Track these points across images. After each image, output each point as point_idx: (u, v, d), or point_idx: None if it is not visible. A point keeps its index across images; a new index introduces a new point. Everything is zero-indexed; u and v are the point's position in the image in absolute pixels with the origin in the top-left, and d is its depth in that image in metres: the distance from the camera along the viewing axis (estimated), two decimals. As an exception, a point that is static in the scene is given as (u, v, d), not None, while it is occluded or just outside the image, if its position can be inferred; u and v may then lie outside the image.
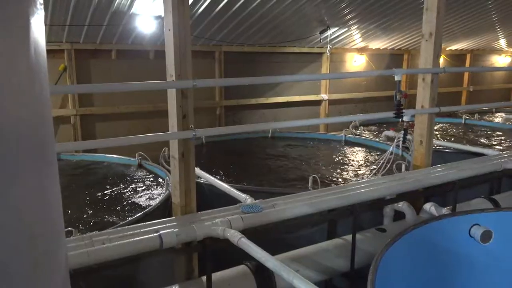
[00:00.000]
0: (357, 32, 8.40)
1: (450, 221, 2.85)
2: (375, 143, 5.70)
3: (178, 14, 2.36)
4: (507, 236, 2.87)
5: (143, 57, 6.93)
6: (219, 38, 7.31)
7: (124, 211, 3.37)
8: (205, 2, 5.96)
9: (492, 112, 8.95)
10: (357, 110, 9.70)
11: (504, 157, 4.10)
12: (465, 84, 11.68)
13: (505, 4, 8.18)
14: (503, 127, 7.22)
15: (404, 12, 7.47)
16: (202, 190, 3.67)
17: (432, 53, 3.51)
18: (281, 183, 4.21)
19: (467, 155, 4.49)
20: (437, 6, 3.40)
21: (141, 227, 2.35)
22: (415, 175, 3.48)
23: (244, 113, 8.44)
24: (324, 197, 2.94)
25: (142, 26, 6.12)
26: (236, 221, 2.43)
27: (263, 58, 8.26)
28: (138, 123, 7.10)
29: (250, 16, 6.65)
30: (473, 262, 2.91)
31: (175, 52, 2.39)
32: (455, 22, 8.68)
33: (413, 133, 3.76)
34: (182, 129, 2.48)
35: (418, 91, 3.65)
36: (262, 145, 6.02)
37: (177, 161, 2.53)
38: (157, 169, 4.34)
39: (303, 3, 6.52)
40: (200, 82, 2.48)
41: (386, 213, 3.49)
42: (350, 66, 9.52)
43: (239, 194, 2.97)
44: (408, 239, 2.54)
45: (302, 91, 8.91)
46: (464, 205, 3.64)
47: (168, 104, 2.51)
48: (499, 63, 12.37)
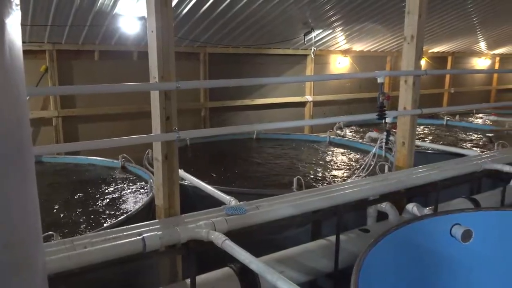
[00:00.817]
0: (341, 34, 8.47)
1: (431, 221, 2.89)
2: (359, 144, 5.75)
3: (161, 16, 2.34)
4: (487, 235, 2.93)
5: (126, 58, 6.87)
6: (204, 40, 7.29)
7: (106, 214, 3.33)
8: (190, 3, 5.94)
9: (472, 113, 9.12)
10: (341, 112, 9.78)
11: (483, 157, 4.18)
12: (446, 86, 11.89)
13: (484, 8, 8.37)
14: (484, 128, 7.37)
15: (387, 15, 7.58)
16: (186, 192, 3.65)
17: (414, 55, 3.56)
18: (265, 185, 4.21)
19: (448, 156, 4.57)
20: (418, 10, 3.46)
21: (124, 230, 2.32)
22: (398, 176, 3.53)
23: (229, 115, 8.43)
24: (308, 199, 2.96)
25: (126, 27, 6.06)
26: (220, 223, 2.42)
27: (248, 59, 8.27)
28: (122, 124, 7.03)
29: (235, 17, 6.65)
30: (455, 262, 2.96)
31: (158, 54, 2.37)
32: (437, 25, 8.83)
33: (396, 134, 3.81)
34: (166, 131, 2.47)
35: (401, 93, 3.70)
36: (247, 146, 6.03)
37: (160, 163, 2.51)
38: (140, 171, 4.30)
39: (287, 5, 6.55)
40: (183, 83, 2.47)
41: (369, 214, 3.52)
42: (334, 68, 9.59)
43: (223, 196, 2.96)
44: (390, 240, 2.57)
45: (287, 92, 8.95)
46: (445, 205, 3.70)
47: (151, 106, 2.49)
48: (479, 65, 12.63)
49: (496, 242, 3.01)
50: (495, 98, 13.15)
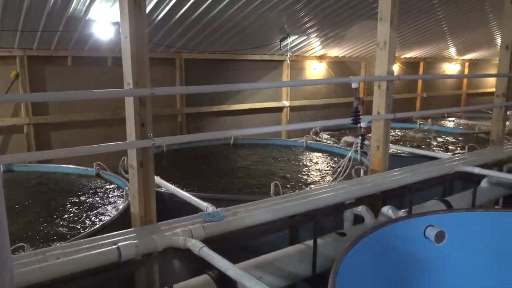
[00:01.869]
0: (316, 40, 8.59)
1: (406, 223, 2.95)
2: (335, 149, 5.82)
3: (135, 22, 2.32)
4: (459, 236, 3.00)
5: (101, 64, 6.76)
6: (180, 45, 7.26)
7: (80, 223, 3.25)
8: (165, 8, 5.90)
9: (444, 117, 9.38)
10: (317, 116, 9.89)
11: (455, 160, 4.30)
12: (419, 91, 12.19)
13: (453, 15, 8.65)
14: (455, 131, 7.58)
15: (361, 22, 7.73)
16: (163, 199, 3.61)
17: (387, 61, 3.64)
18: (243, 190, 4.21)
19: (421, 159, 4.67)
20: (390, 17, 3.54)
21: (98, 240, 2.27)
22: (373, 179, 3.58)
23: (206, 121, 8.40)
24: (285, 203, 2.97)
25: (99, 33, 5.98)
26: (197, 230, 2.40)
27: (224, 65, 8.27)
28: (97, 131, 6.90)
29: (211, 23, 6.65)
30: (429, 263, 3.02)
31: (132, 60, 2.34)
32: (409, 31, 9.06)
33: (370, 138, 3.88)
34: (141, 138, 2.43)
35: (374, 98, 3.77)
36: (224, 152, 6.01)
37: (135, 170, 2.48)
38: (116, 178, 4.23)
39: (263, 11, 6.60)
40: (159, 90, 2.45)
41: (346, 217, 3.56)
42: (310, 74, 9.70)
43: (200, 203, 2.94)
44: (366, 243, 2.60)
45: (263, 98, 8.99)
46: (419, 207, 3.77)
47: (125, 112, 2.46)
48: (449, 70, 13.01)
49: (467, 242, 3.09)
50: (465, 102, 13.57)
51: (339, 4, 6.88)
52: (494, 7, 8.36)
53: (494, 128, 5.17)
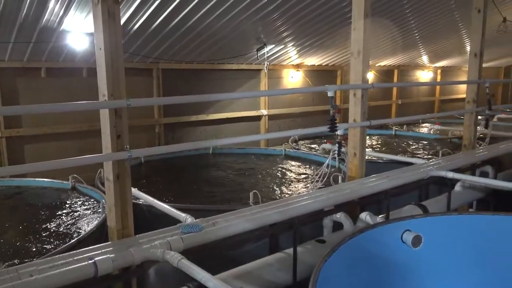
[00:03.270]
0: (293, 49, 8.69)
1: (383, 228, 2.99)
2: (314, 156, 5.87)
3: (109, 33, 2.30)
4: (435, 240, 3.06)
5: (76, 75, 6.65)
6: (156, 55, 7.22)
7: (55, 238, 3.17)
8: (141, 18, 5.88)
9: (419, 123, 9.60)
10: (295, 124, 9.97)
11: (429, 165, 4.40)
12: (394, 98, 12.45)
13: (425, 24, 8.91)
14: (429, 137, 7.76)
15: (336, 31, 7.87)
16: (141, 211, 3.56)
17: (361, 69, 3.71)
18: (222, 200, 4.19)
19: (397, 165, 4.76)
20: (363, 27, 3.62)
21: (74, 255, 2.22)
22: (351, 186, 3.63)
23: (185, 130, 8.35)
24: (264, 212, 2.98)
25: (74, 43, 5.89)
26: (175, 242, 2.38)
27: (202, 75, 8.27)
28: (72, 143, 6.77)
29: (187, 33, 6.65)
30: (407, 267, 3.06)
31: (107, 71, 2.32)
32: (382, 40, 9.27)
33: (347, 145, 3.93)
34: (117, 150, 2.40)
35: (350, 106, 3.83)
36: (203, 162, 5.98)
37: (111, 183, 2.44)
38: (92, 191, 4.15)
39: (240, 21, 6.65)
40: (134, 101, 2.43)
41: (325, 224, 3.59)
42: (288, 82, 9.79)
43: (179, 214, 2.91)
44: (345, 249, 2.62)
45: (242, 107, 9.01)
46: (396, 212, 3.84)
47: (101, 124, 2.43)
48: (423, 77, 13.36)
49: (444, 245, 3.16)
50: (439, 108, 13.93)
51: (314, 14, 6.99)
52: (463, 16, 8.66)
53: (466, 133, 5.33)
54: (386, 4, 7.24)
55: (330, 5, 6.78)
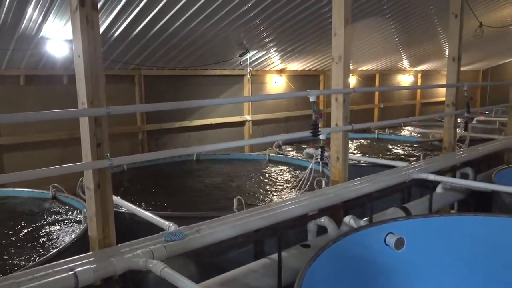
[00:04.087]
0: (276, 54, 8.74)
1: (367, 232, 3.02)
2: (297, 161, 5.90)
3: (88, 40, 2.28)
4: (418, 242, 3.10)
5: (56, 83, 6.55)
6: (138, 62, 7.17)
7: (35, 250, 3.10)
8: (122, 25, 5.84)
9: (400, 126, 9.73)
10: (280, 129, 10.00)
11: (411, 168, 4.45)
12: (376, 102, 12.62)
13: (405, 29, 9.07)
14: (411, 139, 7.88)
15: (317, 36, 7.95)
16: (123, 220, 3.52)
17: (342, 74, 3.75)
18: (206, 207, 4.17)
19: (380, 168, 4.80)
20: (344, 32, 3.66)
21: (54, 267, 2.17)
22: (334, 190, 3.64)
23: (168, 137, 8.30)
24: (249, 218, 2.96)
25: (53, 51, 5.81)
26: (158, 251, 2.35)
27: (185, 81, 8.24)
28: (52, 152, 6.65)
29: (169, 39, 6.63)
30: (391, 269, 3.08)
31: (87, 79, 2.29)
32: (363, 45, 9.40)
33: (330, 150, 3.95)
34: (97, 159, 2.37)
35: (332, 110, 3.86)
36: (187, 168, 5.94)
37: (92, 192, 2.40)
38: (73, 201, 4.08)
39: (222, 27, 6.66)
40: (115, 109, 2.40)
41: (309, 229, 3.59)
42: (271, 87, 9.83)
43: (162, 222, 2.88)
44: (330, 253, 2.63)
45: (226, 112, 9.01)
46: (380, 215, 3.88)
47: (80, 132, 2.39)
48: (404, 81, 13.58)
49: (426, 247, 3.20)
50: (420, 111, 14.16)
51: (296, 20, 7.05)
52: (441, 22, 8.85)
53: (446, 135, 5.42)
54: (366, 10, 7.35)
55: (311, 11, 6.85)
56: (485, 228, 3.20)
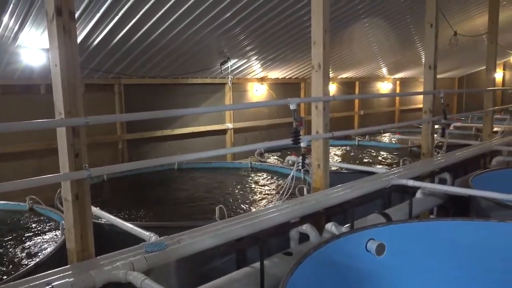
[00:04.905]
0: (257, 63, 8.79)
1: (348, 238, 3.03)
2: (279, 168, 5.91)
3: (65, 49, 2.25)
4: (398, 247, 3.13)
5: (33, 92, 6.43)
6: (118, 71, 7.11)
7: (11, 264, 3.01)
8: (101, 33, 5.78)
9: (380, 133, 9.87)
10: (262, 137, 10.03)
11: (391, 174, 4.52)
12: (356, 109, 12.79)
13: (383, 38, 9.25)
14: (390, 146, 8.00)
15: (298, 45, 8.04)
16: (103, 231, 3.45)
17: (322, 82, 3.79)
18: (188, 216, 4.13)
19: (361, 174, 4.86)
20: (323, 41, 3.71)
21: (31, 281, 2.12)
22: (316, 197, 3.66)
23: (149, 146, 8.22)
24: (230, 227, 2.95)
25: (30, 60, 5.71)
26: (139, 262, 2.32)
27: (165, 90, 8.20)
28: (29, 163, 6.50)
29: (149, 48, 6.60)
30: (373, 275, 3.10)
31: (64, 89, 2.26)
32: (343, 53, 9.55)
33: (311, 157, 3.98)
34: (75, 169, 2.33)
35: (312, 118, 3.90)
36: (169, 178, 5.89)
37: (70, 203, 2.35)
38: (51, 212, 3.98)
39: (202, 36, 6.67)
40: (93, 119, 2.36)
41: (292, 236, 3.59)
42: (253, 95, 9.87)
43: (142, 233, 2.84)
44: (311, 261, 2.64)
45: (207, 121, 8.99)
46: (361, 221, 3.90)
47: (58, 143, 2.35)
48: (383, 88, 13.82)
49: (407, 252, 3.23)
50: (399, 118, 14.41)
51: (276, 28, 7.12)
52: (418, 31, 9.06)
53: (424, 142, 5.52)
54: (345, 19, 7.48)
55: (291, 20, 6.93)
56: (463, 233, 3.26)
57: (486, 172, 5.12)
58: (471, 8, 8.84)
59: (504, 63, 16.08)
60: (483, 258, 3.18)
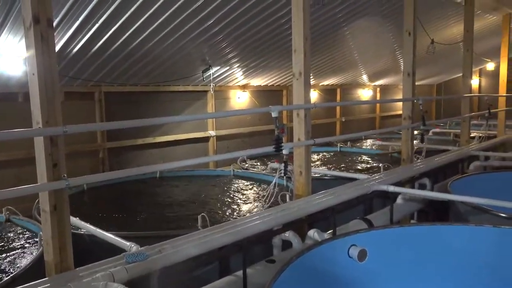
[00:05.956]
0: (239, 70, 8.81)
1: (330, 244, 3.05)
2: (262, 176, 5.91)
3: (43, 57, 2.21)
4: (380, 253, 3.17)
5: (11, 101, 6.29)
6: (98, 79, 7.02)
7: (-13, 277, 2.93)
8: (81, 41, 5.72)
9: (362, 139, 10.00)
10: (244, 144, 10.02)
11: (372, 180, 4.57)
12: (338, 116, 12.92)
13: (363, 46, 9.41)
14: (371, 152, 8.10)
15: (279, 52, 8.10)
16: (83, 242, 3.39)
17: (303, 90, 3.83)
18: (171, 225, 4.09)
19: (342, 181, 4.90)
20: (303, 49, 3.75)
21: (6, 295, 2.06)
22: (298, 204, 3.68)
23: (131, 154, 8.12)
24: (213, 236, 2.94)
25: (7, 68, 5.60)
26: (119, 273, 2.28)
27: (147, 97, 8.13)
28: (7, 172, 6.35)
29: (130, 56, 6.54)
30: (355, 281, 3.13)
31: (41, 97, 2.22)
32: (324, 61, 9.66)
33: (293, 164, 4.00)
34: (53, 179, 2.28)
35: (294, 125, 3.92)
36: (151, 186, 5.82)
37: (48, 214, 2.31)
38: (29, 223, 3.90)
39: (184, 43, 6.65)
40: (72, 128, 2.33)
41: (275, 244, 3.60)
42: (235, 103, 9.87)
43: (123, 243, 2.80)
44: (294, 268, 2.64)
45: (189, 128, 8.94)
46: (343, 228, 3.93)
47: (35, 153, 2.30)
48: (364, 95, 14.00)
49: (388, 257, 3.27)
50: (380, 124, 14.61)
51: (258, 36, 7.16)
52: (397, 38, 9.23)
53: (404, 147, 5.61)
54: (325, 27, 7.57)
55: (273, 28, 6.98)
56: (443, 237, 3.32)
57: (464, 177, 5.23)
58: (448, 17, 9.07)
59: (480, 70, 16.49)
60: (463, 262, 3.23)
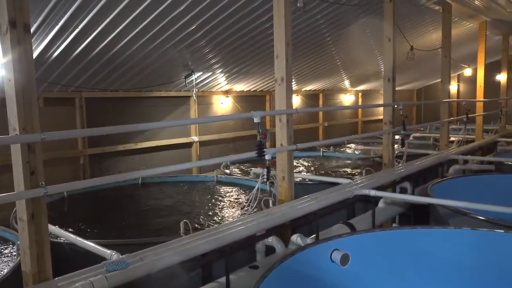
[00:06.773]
0: (221, 75, 8.80)
1: (313, 249, 3.06)
2: (245, 181, 5.91)
3: (20, 63, 2.17)
4: (362, 256, 3.19)
5: (-13, 106, 6.15)
6: (79, 84, 6.92)
7: (-39, 289, 2.84)
8: (61, 46, 5.62)
9: (344, 144, 10.09)
10: (227, 150, 10.00)
11: (354, 184, 4.62)
12: (320, 120, 13.01)
13: (345, 52, 9.52)
14: (354, 156, 8.18)
15: (262, 58, 8.13)
16: (62, 251, 3.32)
17: (285, 95, 3.85)
18: (152, 232, 4.04)
19: (325, 185, 4.93)
20: (285, 55, 3.78)
21: (-19, 307, 2.00)
22: (281, 209, 3.68)
23: (112, 161, 8.00)
24: (196, 242, 2.92)
25: (-16, 73, 5.46)
26: (99, 282, 2.24)
27: (129, 103, 8.05)
28: (-16, 180, 6.18)
29: (111, 61, 6.47)
30: (338, 285, 3.14)
31: (18, 104, 2.17)
32: (306, 66, 9.73)
33: (276, 169, 4.01)
34: (31, 187, 2.23)
35: (277, 131, 3.93)
36: (132, 193, 5.76)
37: (25, 223, 2.25)
38: (6, 232, 3.80)
39: (166, 48, 6.62)
40: (50, 135, 2.28)
41: (258, 249, 3.58)
42: (218, 108, 9.85)
43: (104, 251, 2.76)
44: (277, 273, 2.63)
45: (172, 134, 8.87)
46: (326, 232, 3.95)
47: (12, 160, 2.25)
48: (346, 100, 14.16)
49: (371, 261, 3.29)
50: (362, 129, 14.78)
51: (240, 42, 7.17)
52: (378, 45, 9.38)
53: (385, 152, 5.69)
54: (307, 33, 7.64)
55: (255, 33, 7.00)
56: (424, 240, 3.37)
57: (444, 180, 5.32)
58: (426, 24, 9.26)
59: (458, 75, 16.87)
60: (443, 264, 3.28)
